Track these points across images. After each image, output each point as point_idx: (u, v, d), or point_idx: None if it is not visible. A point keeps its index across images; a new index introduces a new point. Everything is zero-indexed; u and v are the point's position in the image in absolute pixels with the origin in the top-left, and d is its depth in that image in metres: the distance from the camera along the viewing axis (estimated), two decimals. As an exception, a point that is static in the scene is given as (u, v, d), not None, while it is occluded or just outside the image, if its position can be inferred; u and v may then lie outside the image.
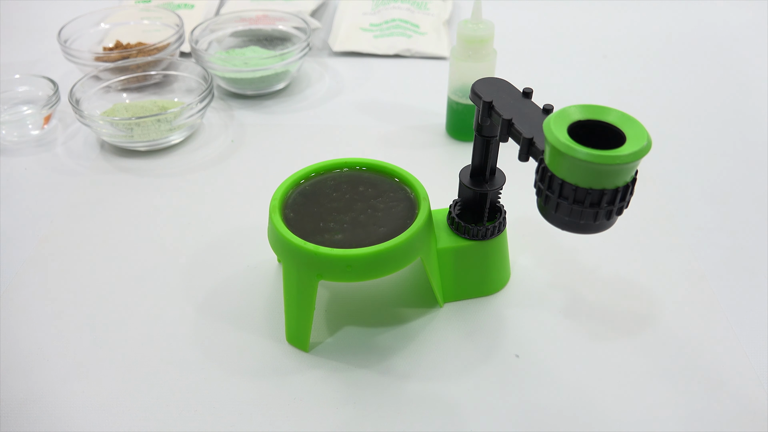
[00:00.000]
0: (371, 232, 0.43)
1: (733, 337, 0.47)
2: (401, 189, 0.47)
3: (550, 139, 0.34)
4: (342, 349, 0.46)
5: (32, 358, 0.46)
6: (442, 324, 0.48)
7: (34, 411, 0.42)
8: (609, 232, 0.40)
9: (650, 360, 0.46)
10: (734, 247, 0.55)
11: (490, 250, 0.48)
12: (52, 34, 0.84)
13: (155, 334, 0.48)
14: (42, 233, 0.56)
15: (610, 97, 0.77)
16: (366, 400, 0.43)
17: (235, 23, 0.82)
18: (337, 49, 0.86)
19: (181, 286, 0.51)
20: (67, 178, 0.63)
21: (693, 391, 0.44)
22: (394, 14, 0.91)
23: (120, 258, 0.54)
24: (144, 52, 0.75)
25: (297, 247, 0.41)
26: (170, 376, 0.45)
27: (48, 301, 0.50)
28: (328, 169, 0.48)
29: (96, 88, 0.70)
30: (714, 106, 0.75)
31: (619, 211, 0.36)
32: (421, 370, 0.45)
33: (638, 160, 0.33)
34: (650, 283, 0.52)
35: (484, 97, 0.41)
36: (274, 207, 0.44)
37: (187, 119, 0.65)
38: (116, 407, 0.43)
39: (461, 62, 0.62)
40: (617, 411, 0.43)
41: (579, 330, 0.48)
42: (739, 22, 0.95)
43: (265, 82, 0.74)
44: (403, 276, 0.52)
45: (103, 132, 0.64)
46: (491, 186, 0.46)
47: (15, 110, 0.71)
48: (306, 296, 0.44)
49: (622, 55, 0.86)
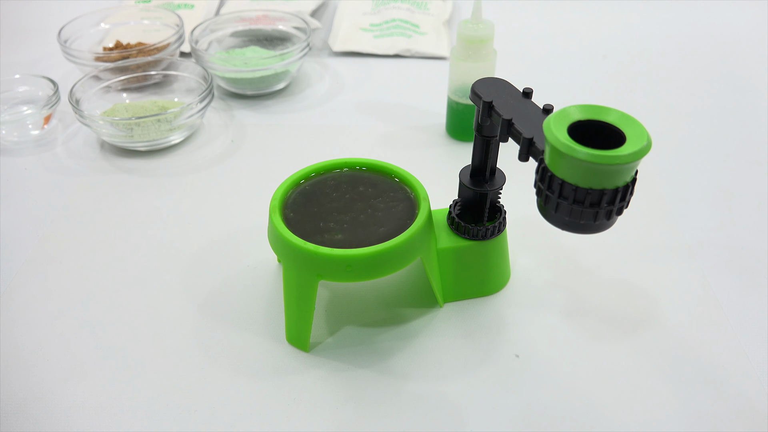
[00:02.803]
0: (371, 232, 0.43)
1: (733, 337, 0.47)
2: (401, 189, 0.47)
3: (550, 139, 0.34)
4: (342, 349, 0.46)
5: (32, 358, 0.46)
6: (442, 324, 0.48)
7: (34, 411, 0.42)
8: (609, 232, 0.40)
9: (650, 360, 0.46)
10: (734, 247, 0.55)
11: (490, 250, 0.48)
12: (52, 34, 0.84)
13: (155, 334, 0.48)
14: (42, 233, 0.56)
15: (610, 97, 0.77)
16: (366, 400, 0.43)
17: (235, 23, 0.82)
18: (337, 49, 0.86)
19: (181, 286, 0.51)
20: (67, 178, 0.63)
21: (693, 391, 0.44)
22: (394, 14, 0.91)
23: (120, 258, 0.54)
24: (144, 52, 0.75)
25: (297, 247, 0.41)
26: (170, 377, 0.45)
27: (48, 301, 0.50)
28: (328, 169, 0.48)
29: (96, 88, 0.70)
30: (714, 106, 0.75)
31: (619, 211, 0.36)
32: (421, 370, 0.45)
33: (638, 160, 0.33)
34: (650, 283, 0.52)
35: (484, 97, 0.41)
36: (274, 207, 0.44)
37: (187, 119, 0.65)
38: (116, 407, 0.43)
39: (461, 62, 0.62)
40: (617, 411, 0.43)
41: (579, 330, 0.48)
42: (739, 23, 0.95)
43: (265, 82, 0.74)
44: (403, 276, 0.52)
45: (103, 132, 0.64)
46: (491, 186, 0.46)
47: (15, 110, 0.71)
48: (306, 296, 0.44)
49: (622, 55, 0.86)
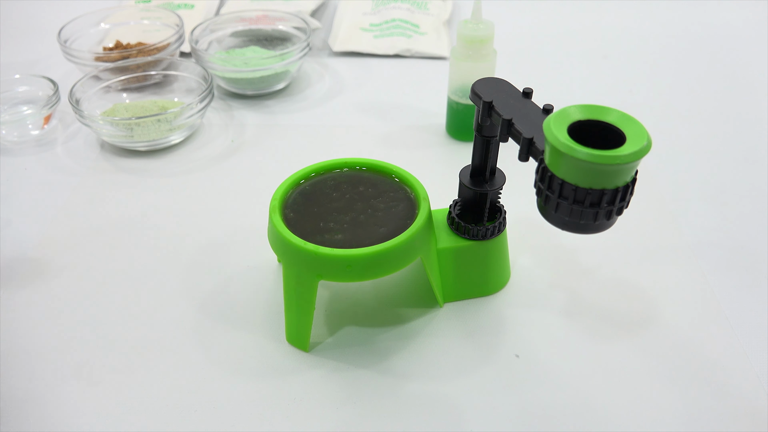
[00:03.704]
0: (371, 232, 0.43)
1: (733, 337, 0.47)
2: (401, 189, 0.47)
3: (550, 139, 0.34)
4: (342, 349, 0.46)
5: (32, 358, 0.46)
6: (442, 324, 0.48)
7: (34, 411, 0.42)
8: (609, 232, 0.40)
9: (650, 360, 0.46)
10: (734, 247, 0.55)
11: (490, 250, 0.48)
12: (52, 34, 0.84)
13: (155, 334, 0.48)
14: (42, 233, 0.56)
15: (610, 97, 0.77)
16: (366, 400, 0.43)
17: (235, 23, 0.82)
18: (337, 49, 0.86)
19: (181, 286, 0.51)
20: (67, 178, 0.63)
21: (693, 391, 0.44)
22: (394, 14, 0.91)
23: (120, 258, 0.54)
24: (144, 52, 0.75)
25: (297, 247, 0.41)
26: (170, 376, 0.45)
27: (48, 301, 0.50)
28: (328, 169, 0.48)
29: (96, 88, 0.70)
30: (714, 106, 0.75)
31: (619, 211, 0.36)
32: (421, 370, 0.45)
33: (638, 160, 0.33)
34: (650, 283, 0.52)
35: (484, 97, 0.41)
36: (274, 207, 0.44)
37: (187, 119, 0.65)
38: (116, 407, 0.43)
39: (461, 62, 0.62)
40: (617, 411, 0.43)
41: (579, 330, 0.48)
42: (739, 22, 0.95)
43: (265, 82, 0.74)
44: (403, 276, 0.52)
45: (103, 132, 0.64)
46: (491, 186, 0.46)
47: (15, 110, 0.71)
48: (306, 296, 0.44)
49: (622, 55, 0.86)
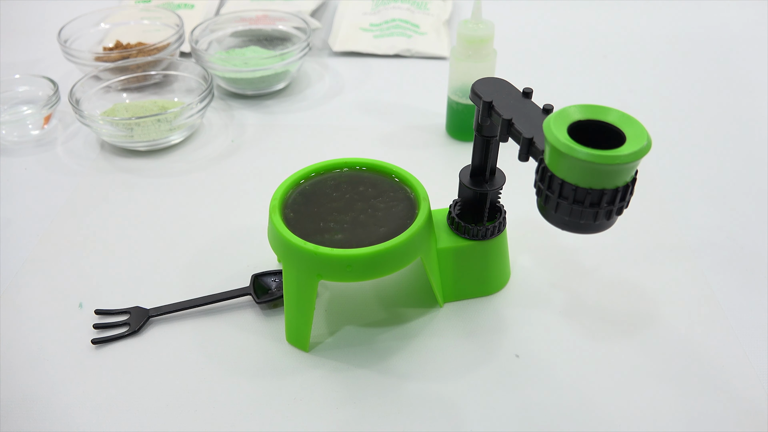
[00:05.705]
0: (371, 232, 0.43)
1: (733, 337, 0.47)
2: (401, 189, 0.46)
3: (550, 139, 0.34)
4: (342, 349, 0.46)
5: (32, 358, 0.46)
6: (442, 324, 0.48)
7: (34, 411, 0.43)
8: (609, 232, 0.40)
9: (650, 360, 0.46)
10: (734, 247, 0.55)
11: (490, 250, 0.48)
12: (52, 34, 0.84)
13: (155, 334, 0.48)
14: (42, 233, 0.56)
15: (610, 97, 0.77)
16: (366, 400, 0.43)
17: (235, 23, 0.82)
18: (337, 49, 0.86)
19: (181, 286, 0.51)
20: (67, 178, 0.63)
21: (693, 391, 0.44)
22: (394, 14, 0.91)
23: (120, 258, 0.54)
24: (144, 52, 0.75)
25: (297, 247, 0.41)
26: (170, 377, 0.45)
27: (48, 301, 0.50)
28: (328, 169, 0.48)
29: (96, 88, 0.70)
30: (714, 106, 0.75)
31: (619, 211, 0.36)
32: (421, 370, 0.45)
33: (638, 160, 0.33)
34: (650, 283, 0.52)
35: (484, 97, 0.41)
36: (274, 207, 0.44)
37: (187, 119, 0.65)
38: (116, 407, 0.43)
39: (461, 62, 0.62)
40: (617, 411, 0.43)
41: (579, 330, 0.48)
42: (740, 23, 0.95)
43: (265, 82, 0.74)
44: (403, 276, 0.52)
45: (103, 132, 0.64)
46: (491, 186, 0.46)
47: (15, 110, 0.71)
48: (306, 296, 0.44)
49: (622, 55, 0.86)
